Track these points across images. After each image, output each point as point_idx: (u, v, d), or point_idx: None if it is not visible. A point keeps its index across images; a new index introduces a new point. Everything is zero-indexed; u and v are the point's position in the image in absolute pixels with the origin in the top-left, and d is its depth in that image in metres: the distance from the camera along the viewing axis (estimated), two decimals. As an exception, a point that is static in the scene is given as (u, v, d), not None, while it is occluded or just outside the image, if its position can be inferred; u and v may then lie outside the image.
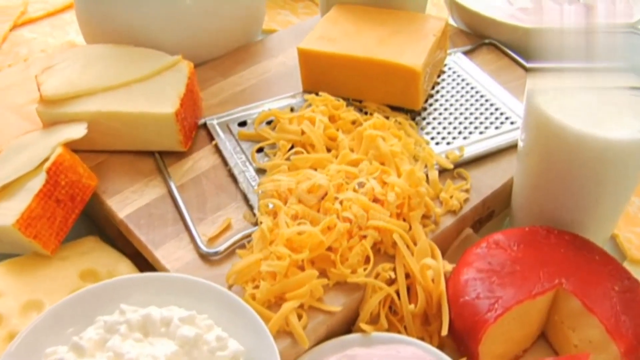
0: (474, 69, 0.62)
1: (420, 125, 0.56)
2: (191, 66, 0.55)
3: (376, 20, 0.60)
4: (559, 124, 0.43)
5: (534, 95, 0.44)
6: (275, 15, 0.81)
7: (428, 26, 0.59)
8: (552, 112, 0.43)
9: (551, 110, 0.43)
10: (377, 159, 0.49)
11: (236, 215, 0.49)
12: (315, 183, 0.46)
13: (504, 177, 0.51)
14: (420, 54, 0.55)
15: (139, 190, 0.51)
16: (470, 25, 0.69)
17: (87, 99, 0.53)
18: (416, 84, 0.54)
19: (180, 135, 0.52)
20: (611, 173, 0.44)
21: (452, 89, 0.60)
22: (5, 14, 0.82)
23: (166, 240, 0.48)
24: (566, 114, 0.43)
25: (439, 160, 0.51)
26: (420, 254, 0.45)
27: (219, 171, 0.53)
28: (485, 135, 0.54)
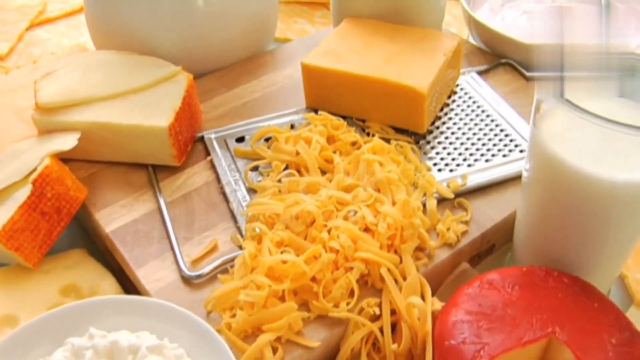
0: (487, 91, 0.60)
1: (423, 150, 0.53)
2: (190, 78, 0.54)
3: (386, 36, 0.58)
4: (563, 161, 0.40)
5: (538, 125, 0.41)
6: (291, 23, 0.80)
7: (440, 45, 0.56)
8: (556, 147, 0.40)
9: (556, 144, 0.40)
10: (372, 185, 0.47)
11: (224, 237, 0.48)
12: (303, 209, 0.44)
13: (507, 210, 0.49)
14: (427, 75, 0.52)
15: (128, 205, 0.50)
16: (488, 44, 0.66)
17: (82, 108, 0.52)
18: (421, 107, 0.52)
19: (173, 150, 0.51)
20: (618, 215, 0.41)
21: (461, 112, 0.57)
22: (23, 13, 0.82)
23: (149, 259, 0.46)
24: (571, 150, 0.40)
25: (439, 188, 0.49)
26: (408, 290, 0.43)
27: (212, 188, 0.51)
28: (491, 164, 0.52)
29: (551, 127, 0.41)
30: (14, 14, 0.82)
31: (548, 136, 0.41)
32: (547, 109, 0.40)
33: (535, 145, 0.42)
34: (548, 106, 0.40)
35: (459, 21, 0.81)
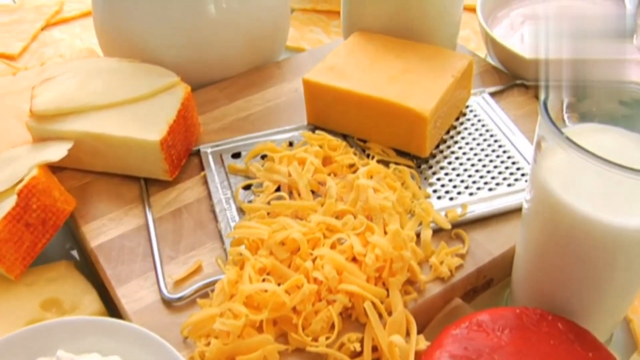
0: (499, 113, 0.57)
1: (424, 175, 0.51)
2: (188, 90, 0.53)
3: (395, 53, 0.56)
4: (563, 202, 0.37)
5: (539, 162, 0.39)
6: (306, 32, 0.78)
7: (449, 64, 0.54)
8: (556, 187, 0.38)
9: (556, 184, 0.38)
10: (365, 212, 0.45)
11: (209, 258, 0.46)
12: (288, 235, 0.42)
13: (508, 244, 0.46)
14: (432, 98, 0.50)
15: (117, 219, 0.49)
16: (504, 63, 0.64)
17: (76, 118, 0.51)
18: (423, 131, 0.50)
19: (165, 165, 0.50)
20: (620, 260, 0.39)
21: (468, 135, 0.55)
22: (40, 13, 0.82)
23: (132, 277, 0.45)
24: (572, 190, 0.37)
25: (436, 218, 0.47)
26: (393, 327, 0.41)
27: (203, 205, 0.50)
28: (495, 193, 0.49)
29: (552, 165, 0.38)
30: (32, 13, 0.82)
31: (548, 174, 0.38)
32: (548, 146, 0.37)
33: (535, 182, 0.40)
34: (549, 143, 0.37)
35: (479, 36, 0.78)
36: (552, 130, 0.36)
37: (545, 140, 0.37)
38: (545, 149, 0.38)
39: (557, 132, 0.36)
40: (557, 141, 0.36)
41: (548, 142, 0.37)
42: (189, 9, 0.58)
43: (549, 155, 0.38)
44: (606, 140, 0.42)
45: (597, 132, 0.42)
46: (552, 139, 0.36)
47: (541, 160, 0.39)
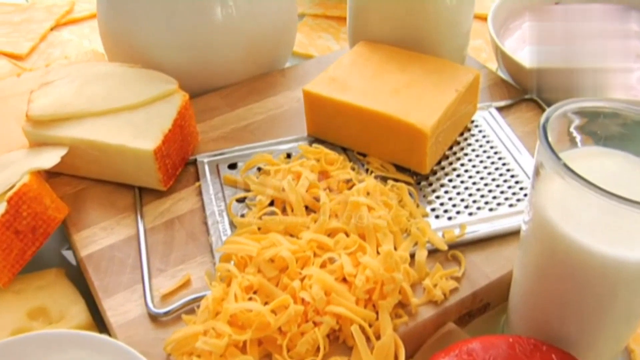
0: (505, 129, 0.55)
1: (423, 192, 0.50)
2: (185, 98, 0.52)
3: (399, 65, 0.54)
4: (560, 231, 0.36)
5: (537, 188, 0.37)
6: (315, 38, 0.77)
7: (454, 78, 0.53)
8: (554, 214, 0.36)
9: (554, 211, 0.36)
10: (358, 231, 0.44)
11: (199, 272, 0.45)
12: (277, 253, 0.41)
13: (506, 268, 0.45)
14: (433, 113, 0.49)
15: (109, 228, 0.49)
16: (514, 77, 0.62)
17: (71, 124, 0.50)
18: (423, 147, 0.48)
19: (159, 174, 0.49)
20: (621, 291, 0.37)
21: (471, 152, 0.53)
22: (51, 12, 0.82)
23: (119, 289, 0.44)
24: (570, 219, 0.36)
25: (432, 239, 0.45)
26: (380, 351, 0.39)
27: (196, 217, 0.49)
28: (495, 214, 0.48)
29: (551, 192, 0.36)
30: (42, 12, 0.82)
31: (547, 202, 0.37)
32: (546, 173, 0.36)
33: (534, 209, 0.38)
34: (547, 170, 0.35)
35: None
36: (550, 157, 0.34)
37: (544, 167, 0.36)
38: (544, 176, 0.36)
39: (555, 158, 0.34)
40: (555, 169, 0.34)
41: (546, 169, 0.35)
42: (194, 14, 0.58)
43: (548, 181, 0.36)
44: (611, 165, 0.40)
45: (602, 156, 0.41)
46: (550, 166, 0.35)
47: (540, 186, 0.37)
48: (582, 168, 0.40)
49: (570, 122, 0.40)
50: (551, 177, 0.36)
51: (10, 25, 0.79)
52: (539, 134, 0.36)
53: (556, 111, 0.38)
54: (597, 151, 0.41)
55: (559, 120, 0.40)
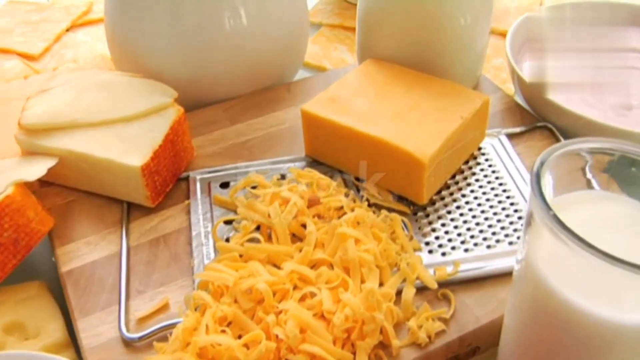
0: (514, 159, 0.52)
1: (419, 223, 0.47)
2: (180, 113, 0.50)
3: (404, 86, 0.52)
4: (551, 288, 0.33)
5: (529, 240, 0.35)
6: (330, 50, 0.75)
7: (460, 104, 0.50)
8: (545, 269, 0.34)
9: (545, 266, 0.34)
10: (343, 264, 0.42)
11: (178, 295, 0.44)
12: (253, 285, 0.39)
13: (498, 311, 0.42)
14: (434, 141, 0.46)
15: (93, 243, 0.48)
16: (528, 101, 0.59)
17: (63, 134, 0.49)
18: (420, 177, 0.46)
19: (146, 191, 0.48)
20: (613, 354, 0.34)
21: (475, 182, 0.51)
22: (68, 13, 0.81)
23: (95, 309, 0.43)
24: (561, 276, 0.33)
25: (422, 276, 0.43)
26: (355, 396, 0.37)
27: (182, 237, 0.48)
28: (493, 251, 0.45)
29: (541, 241, 0.34)
30: (60, 13, 0.81)
31: (537, 251, 0.34)
32: (537, 223, 0.33)
33: (525, 256, 0.36)
34: (537, 220, 0.33)
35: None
36: (541, 207, 0.32)
37: (534, 216, 0.33)
38: (535, 225, 0.34)
39: (544, 208, 0.32)
40: (544, 220, 0.31)
41: (536, 219, 0.33)
42: (202, 23, 0.56)
43: (539, 230, 0.34)
44: (620, 213, 0.37)
45: (612, 202, 0.38)
46: (539, 216, 0.32)
47: (532, 234, 0.34)
48: (584, 216, 0.37)
49: (585, 162, 0.38)
50: (541, 227, 0.33)
51: (28, 25, 0.79)
52: (531, 179, 0.33)
53: (552, 154, 0.35)
54: (608, 197, 0.38)
55: (570, 158, 0.37)
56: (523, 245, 0.36)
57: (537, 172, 0.33)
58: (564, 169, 0.38)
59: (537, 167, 0.34)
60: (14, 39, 0.76)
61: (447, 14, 0.55)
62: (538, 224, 0.33)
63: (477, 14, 0.56)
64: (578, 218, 0.37)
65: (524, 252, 0.36)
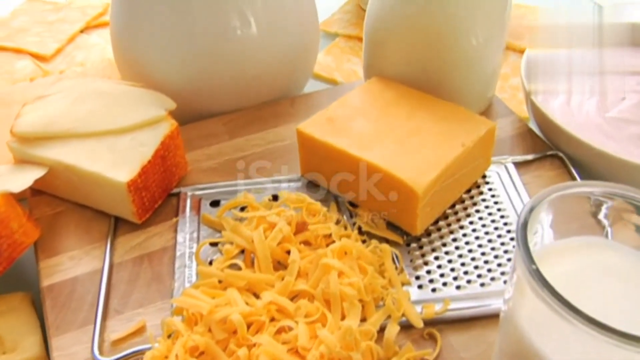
0: (519, 190, 0.50)
1: (411, 255, 0.45)
2: (172, 127, 0.49)
3: (407, 109, 0.50)
4: (536, 352, 0.31)
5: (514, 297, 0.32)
6: (343, 62, 0.73)
7: (465, 130, 0.48)
8: (528, 329, 0.31)
9: (528, 326, 0.31)
10: (325, 297, 0.40)
11: (155, 318, 0.42)
12: (227, 315, 0.38)
13: (486, 355, 0.40)
14: (430, 170, 0.44)
15: (77, 257, 0.47)
16: (541, 127, 0.56)
17: (53, 144, 0.49)
18: (414, 207, 0.44)
19: (133, 207, 0.46)
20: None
21: (475, 213, 0.48)
22: (84, 14, 0.81)
23: (71, 328, 0.42)
24: (545, 339, 0.31)
25: (408, 313, 0.41)
26: None
27: (167, 256, 0.46)
28: (486, 290, 0.43)
29: (524, 300, 0.31)
30: (76, 13, 0.81)
31: (520, 309, 0.32)
32: (520, 274, 0.31)
33: (508, 316, 0.33)
34: (520, 271, 0.31)
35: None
36: (523, 260, 0.29)
37: (517, 269, 0.31)
38: (518, 279, 0.31)
39: (527, 261, 0.29)
40: (526, 276, 0.29)
41: (518, 271, 0.30)
42: (209, 30, 0.55)
43: (523, 288, 0.31)
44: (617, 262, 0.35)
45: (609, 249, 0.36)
46: (521, 269, 0.30)
47: (516, 290, 0.32)
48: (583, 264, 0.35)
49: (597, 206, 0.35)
50: (523, 280, 0.31)
51: (43, 25, 0.79)
52: (517, 226, 0.31)
53: (545, 198, 0.33)
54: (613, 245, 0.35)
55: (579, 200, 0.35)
56: (511, 284, 0.34)
57: (524, 220, 0.31)
58: (572, 209, 0.36)
59: (525, 215, 0.31)
60: (28, 38, 0.76)
61: (457, 33, 0.52)
62: (520, 275, 0.31)
63: (489, 32, 0.53)
64: (574, 266, 0.35)
65: (511, 291, 0.34)
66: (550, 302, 0.28)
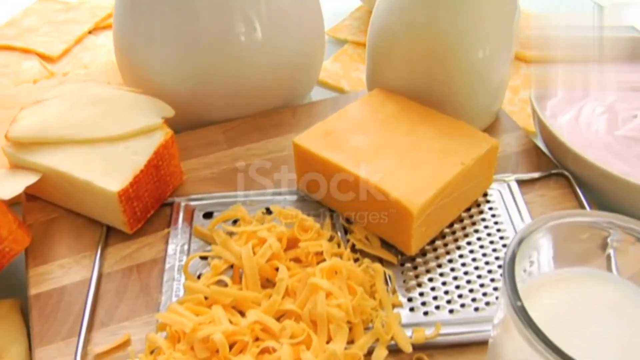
0: (521, 209, 0.48)
1: (405, 276, 0.44)
2: (167, 136, 0.48)
3: (408, 123, 0.49)
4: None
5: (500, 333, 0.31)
6: (351, 70, 0.71)
7: (465, 147, 0.46)
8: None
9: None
10: (312, 318, 0.39)
11: (141, 332, 0.42)
12: (209, 334, 0.37)
13: (477, 384, 0.39)
14: (426, 189, 0.43)
15: (67, 266, 0.46)
16: (547, 144, 0.55)
17: (47, 150, 0.48)
18: (408, 227, 0.43)
19: (124, 217, 0.46)
20: None
21: (473, 233, 0.47)
22: (92, 15, 0.81)
23: (56, 339, 0.42)
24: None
25: (397, 336, 0.40)
26: None
27: (156, 268, 0.46)
28: (480, 315, 0.41)
29: (510, 340, 0.30)
30: (85, 13, 0.81)
31: (508, 347, 0.31)
32: (504, 309, 0.30)
33: (497, 343, 0.32)
34: (504, 306, 0.29)
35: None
36: (509, 295, 0.28)
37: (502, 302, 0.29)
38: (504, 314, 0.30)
39: (512, 296, 0.28)
40: (509, 310, 0.28)
41: (502, 305, 0.29)
42: (213, 36, 0.54)
43: (508, 323, 0.30)
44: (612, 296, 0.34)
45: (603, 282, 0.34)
46: (506, 306, 0.28)
47: (503, 332, 0.31)
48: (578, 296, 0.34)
49: (600, 236, 0.34)
50: (508, 315, 0.30)
51: (52, 24, 0.79)
52: (505, 258, 0.30)
53: (535, 230, 0.31)
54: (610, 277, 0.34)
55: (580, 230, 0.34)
56: (499, 308, 0.33)
57: (512, 253, 0.30)
58: (573, 237, 0.34)
59: (514, 247, 0.30)
60: (36, 38, 0.76)
61: (463, 46, 0.51)
62: (505, 311, 0.29)
63: (497, 44, 0.52)
64: (569, 298, 0.33)
65: (500, 315, 0.33)
66: (534, 342, 0.26)
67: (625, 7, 0.59)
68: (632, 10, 0.59)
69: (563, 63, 0.57)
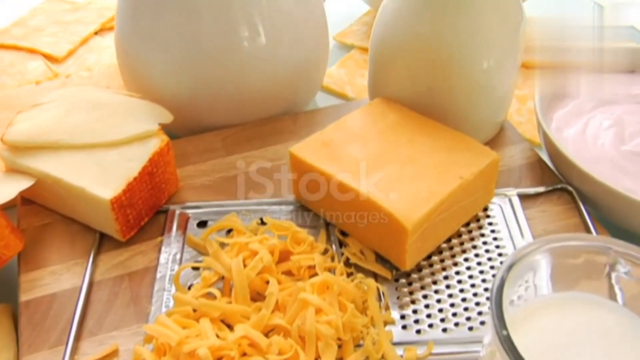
0: (522, 225, 0.47)
1: (399, 292, 0.43)
2: (163, 143, 0.48)
3: (408, 134, 0.48)
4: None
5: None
6: (356, 76, 0.71)
7: (465, 161, 0.45)
8: None
9: None
10: (300, 334, 0.38)
11: (129, 343, 0.41)
12: (194, 349, 0.36)
13: (468, 407, 0.38)
14: (423, 204, 0.42)
15: (58, 273, 0.46)
16: (552, 158, 0.53)
17: (42, 155, 0.48)
18: (403, 242, 0.42)
19: (116, 225, 0.45)
20: None
21: (471, 249, 0.46)
22: (99, 15, 0.80)
23: (43, 347, 0.41)
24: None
25: (388, 355, 0.39)
26: None
27: (148, 277, 0.45)
28: (474, 335, 0.40)
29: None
30: (92, 14, 0.81)
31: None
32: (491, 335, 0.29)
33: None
34: (491, 332, 0.28)
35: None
36: (495, 323, 0.27)
37: (490, 327, 0.29)
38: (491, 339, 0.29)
39: (498, 324, 0.27)
40: (495, 340, 0.27)
41: (489, 330, 0.28)
42: (216, 40, 0.53)
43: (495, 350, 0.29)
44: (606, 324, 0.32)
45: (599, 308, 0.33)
46: (492, 333, 0.28)
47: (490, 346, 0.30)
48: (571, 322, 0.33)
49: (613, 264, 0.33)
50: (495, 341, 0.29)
51: (59, 25, 0.79)
52: (492, 291, 0.29)
53: (525, 255, 0.30)
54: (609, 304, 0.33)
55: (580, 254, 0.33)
56: (489, 327, 0.32)
57: (501, 280, 0.29)
58: (572, 260, 0.33)
59: (503, 274, 0.29)
60: (43, 38, 0.76)
61: (467, 56, 0.50)
62: (491, 338, 0.28)
63: (501, 54, 0.51)
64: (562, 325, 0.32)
65: (489, 337, 0.32)
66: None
67: (625, 7, 0.58)
68: (632, 10, 0.58)
69: (568, 71, 0.56)
